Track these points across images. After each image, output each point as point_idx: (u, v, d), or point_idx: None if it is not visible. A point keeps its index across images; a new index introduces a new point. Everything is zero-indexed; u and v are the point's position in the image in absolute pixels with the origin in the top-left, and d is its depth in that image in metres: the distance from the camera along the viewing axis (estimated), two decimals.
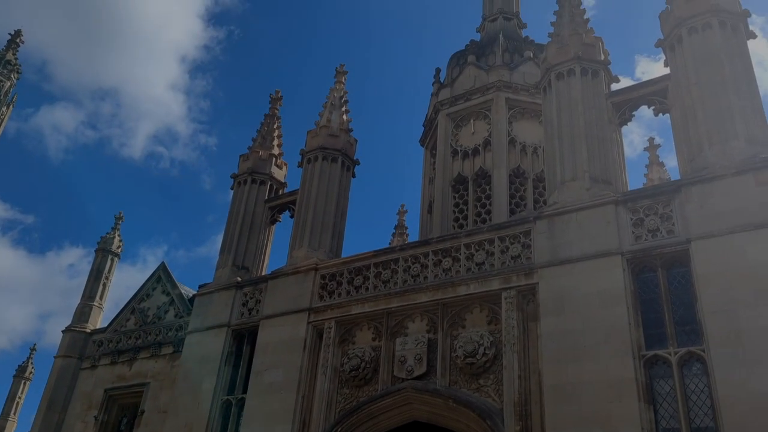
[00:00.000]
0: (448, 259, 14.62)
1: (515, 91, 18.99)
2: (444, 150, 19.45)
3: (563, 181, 13.99)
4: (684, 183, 12.33)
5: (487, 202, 18.04)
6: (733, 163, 11.79)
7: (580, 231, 13.04)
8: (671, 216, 12.25)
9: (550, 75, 15.44)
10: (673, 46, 13.90)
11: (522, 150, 18.55)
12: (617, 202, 12.93)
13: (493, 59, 19.87)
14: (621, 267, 12.18)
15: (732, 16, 13.42)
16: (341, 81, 20.45)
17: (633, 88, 15.02)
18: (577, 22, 16.05)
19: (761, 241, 10.97)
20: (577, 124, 14.39)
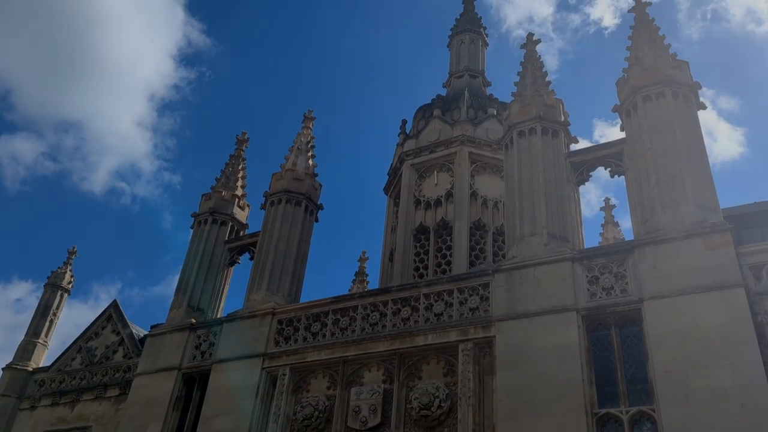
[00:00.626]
0: (407, 308, 14.62)
1: (478, 146, 19.47)
2: (407, 199, 19.67)
3: (522, 236, 14.26)
4: (637, 244, 12.71)
5: (448, 253, 18.22)
6: (684, 226, 12.24)
7: (537, 286, 13.23)
8: (625, 275, 12.56)
9: (513, 132, 15.91)
10: (629, 112, 14.56)
11: (483, 203, 18.90)
12: (574, 260, 13.21)
13: (458, 114, 20.42)
14: (576, 324, 12.36)
15: (684, 87, 14.17)
16: (309, 126, 20.66)
17: (591, 149, 15.59)
18: (539, 83, 16.69)
19: (710, 304, 11.29)
20: (537, 181, 14.78)
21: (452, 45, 24.18)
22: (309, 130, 20.60)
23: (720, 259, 11.63)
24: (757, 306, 11.16)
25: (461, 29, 24.20)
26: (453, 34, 24.38)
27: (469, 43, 23.76)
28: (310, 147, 20.15)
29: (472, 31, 24.08)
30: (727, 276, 11.39)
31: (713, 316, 11.11)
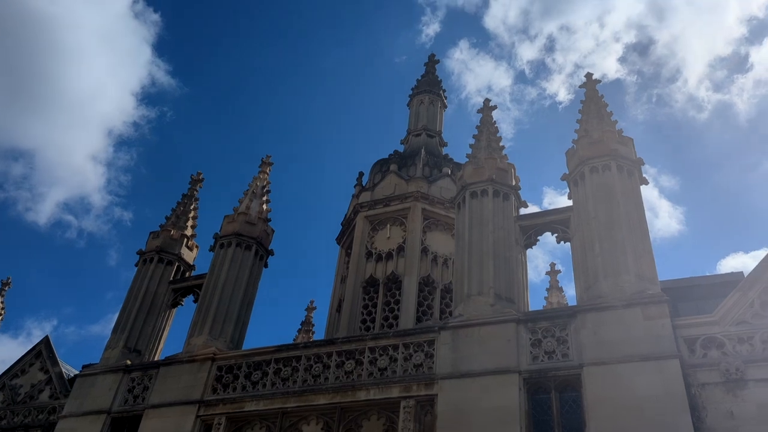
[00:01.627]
0: (352, 361, 14.47)
1: (432, 203, 19.81)
2: (359, 251, 19.70)
3: (470, 294, 14.42)
4: (580, 309, 13.03)
5: (396, 307, 18.22)
6: (624, 296, 12.64)
7: (481, 346, 13.31)
8: (567, 340, 12.79)
9: (465, 192, 16.29)
10: (577, 181, 15.16)
11: (433, 260, 19.08)
12: (518, 321, 13.40)
13: (414, 171, 20.82)
14: (518, 386, 12.43)
15: (628, 162, 14.90)
16: (266, 171, 20.67)
17: (539, 214, 16.10)
18: (493, 147, 17.25)
19: (646, 373, 11.55)
20: (486, 242, 15.08)
21: (412, 104, 24.86)
22: (266, 175, 20.60)
23: (657, 329, 12.00)
24: (690, 378, 11.50)
25: (421, 90, 24.96)
26: (413, 94, 25.11)
27: (428, 104, 24.48)
28: (265, 192, 20.11)
29: (432, 92, 24.88)
30: (663, 347, 11.74)
31: (649, 386, 11.37)
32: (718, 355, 11.69)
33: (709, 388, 11.34)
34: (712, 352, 11.77)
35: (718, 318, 12.08)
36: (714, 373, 11.45)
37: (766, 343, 11.55)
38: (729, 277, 13.99)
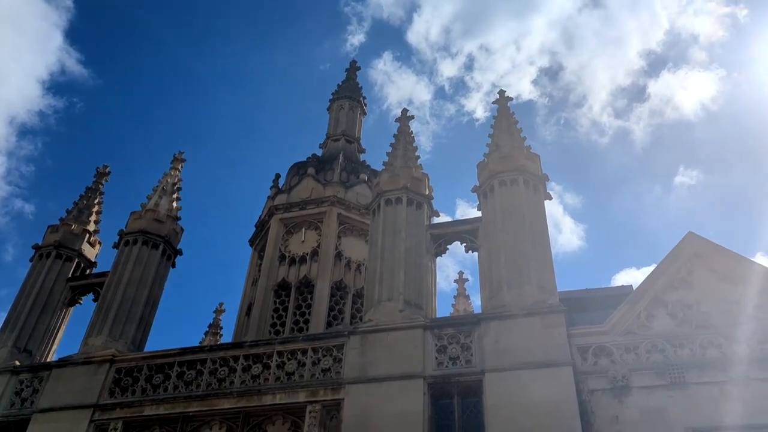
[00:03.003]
0: (259, 365, 14.27)
1: (348, 208, 19.92)
2: (272, 253, 19.50)
3: (380, 300, 14.59)
4: (483, 317, 13.48)
5: (307, 311, 18.15)
6: (525, 305, 13.20)
7: (389, 351, 13.49)
8: (471, 346, 13.18)
9: (381, 199, 16.50)
10: (486, 193, 15.71)
11: (347, 265, 19.18)
12: (426, 327, 13.67)
13: (332, 175, 20.87)
14: (422, 391, 12.64)
15: (534, 177, 15.61)
16: (177, 168, 20.08)
17: (450, 224, 16.57)
18: (409, 156, 17.59)
19: (542, 380, 12.08)
20: (399, 249, 15.32)
21: (332, 109, 24.93)
22: (177, 172, 20.00)
23: (554, 338, 12.61)
24: (581, 384, 12.14)
25: (342, 95, 25.09)
26: (334, 99, 25.19)
27: (348, 110, 24.64)
28: (176, 189, 19.51)
29: (353, 98, 25.06)
30: (558, 355, 12.34)
31: (544, 391, 11.90)
32: (607, 363, 12.43)
33: (598, 394, 12.04)
34: (602, 360, 12.51)
35: (608, 328, 12.86)
36: (603, 380, 12.17)
37: (650, 353, 12.41)
38: (620, 290, 14.95)
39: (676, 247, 13.77)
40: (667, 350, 12.34)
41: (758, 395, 11.28)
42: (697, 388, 11.70)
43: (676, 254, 13.68)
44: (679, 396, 11.67)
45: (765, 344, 11.90)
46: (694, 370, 11.91)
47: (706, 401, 11.51)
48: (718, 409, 11.34)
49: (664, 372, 12.01)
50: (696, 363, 11.99)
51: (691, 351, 12.22)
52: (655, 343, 12.47)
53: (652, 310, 13.05)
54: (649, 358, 12.33)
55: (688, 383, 11.79)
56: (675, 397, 11.67)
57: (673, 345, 12.36)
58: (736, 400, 11.34)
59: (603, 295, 14.98)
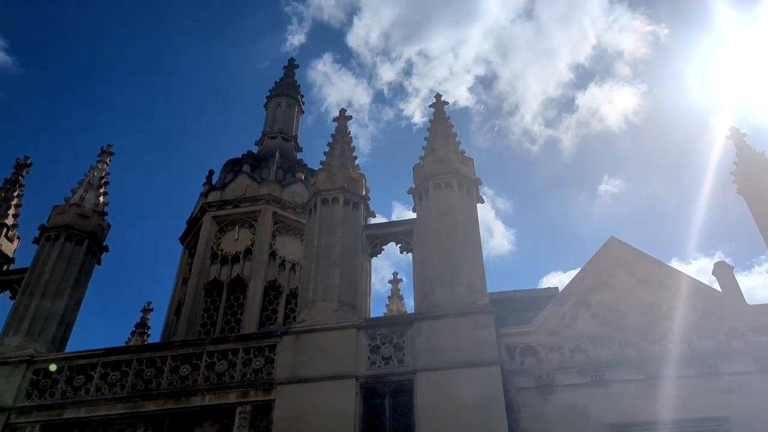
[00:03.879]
0: (188, 366, 13.94)
1: (283, 207, 19.73)
2: (204, 252, 19.10)
3: (314, 300, 14.53)
4: (416, 317, 13.67)
5: (239, 311, 17.87)
6: (457, 306, 13.46)
7: (323, 351, 13.44)
8: (403, 346, 13.31)
9: (317, 199, 16.43)
10: (421, 195, 15.92)
11: (281, 264, 19.01)
12: (359, 327, 13.71)
13: (267, 173, 20.62)
14: (354, 391, 12.66)
15: (468, 181, 15.94)
16: (105, 161, 19.37)
17: (385, 225, 16.70)
18: (346, 156, 17.60)
19: (471, 379, 12.33)
20: (334, 249, 15.31)
21: (269, 106, 24.63)
22: (105, 166, 19.29)
23: (483, 338, 12.89)
24: (509, 383, 12.51)
25: (279, 93, 24.83)
26: (271, 96, 24.89)
27: (285, 107, 24.41)
28: (103, 183, 18.80)
29: (290, 96, 24.85)
30: (487, 354, 12.61)
31: (473, 390, 12.16)
32: (533, 362, 12.85)
33: (524, 392, 12.43)
34: (529, 360, 12.92)
35: (535, 329, 13.30)
36: (529, 379, 12.58)
37: (573, 352, 12.91)
38: (547, 292, 15.45)
39: (599, 251, 14.40)
40: (589, 350, 12.87)
41: (672, 392, 11.92)
42: (616, 386, 12.26)
43: (599, 258, 14.30)
44: (599, 394, 12.20)
45: (680, 344, 12.59)
46: (614, 368, 12.47)
47: (624, 398, 12.07)
48: (635, 405, 11.91)
49: (586, 371, 12.52)
50: (615, 362, 12.56)
51: (611, 350, 12.79)
52: (578, 343, 12.98)
53: (576, 311, 13.58)
54: (573, 357, 12.83)
55: (608, 381, 12.33)
56: (596, 395, 12.19)
57: (595, 345, 12.91)
58: (651, 397, 11.96)
59: (530, 297, 15.45)
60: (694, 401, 11.66)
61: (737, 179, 15.55)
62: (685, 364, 12.20)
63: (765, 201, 14.52)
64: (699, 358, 12.25)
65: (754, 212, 14.69)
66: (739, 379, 11.80)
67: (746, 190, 15.11)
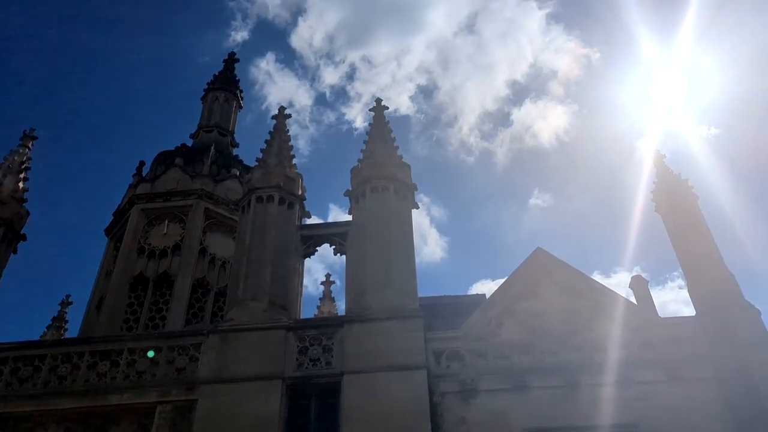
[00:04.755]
0: (107, 362, 13.44)
1: (216, 203, 19.36)
2: (130, 245, 18.49)
3: (244, 299, 14.31)
4: (347, 320, 13.68)
5: (165, 307, 17.40)
6: (387, 309, 13.56)
7: (250, 351, 13.25)
8: (332, 348, 13.29)
9: (252, 196, 16.18)
10: (358, 198, 15.98)
11: (211, 261, 18.64)
12: (289, 328, 13.59)
13: (201, 168, 20.18)
14: (280, 392, 12.53)
15: (404, 186, 16.12)
16: (27, 146, 18.45)
17: (320, 225, 16.66)
18: (284, 155, 17.43)
19: (398, 382, 12.44)
20: (267, 248, 15.12)
21: (206, 99, 24.10)
22: (27, 150, 18.37)
23: (412, 342, 13.04)
24: (434, 387, 12.69)
25: (218, 86, 24.34)
26: (209, 89, 24.36)
27: (223, 101, 23.94)
28: (23, 168, 17.89)
29: (229, 90, 24.39)
30: (415, 358, 12.77)
31: (399, 394, 12.26)
32: (458, 367, 13.10)
33: (448, 396, 12.64)
34: (454, 364, 13.16)
35: (462, 334, 13.56)
36: (453, 383, 12.79)
37: (497, 358, 13.25)
38: (475, 299, 15.84)
39: (526, 261, 14.86)
40: (512, 356, 13.24)
41: (587, 399, 12.42)
42: (536, 392, 12.65)
43: (525, 267, 14.75)
44: (519, 399, 12.56)
45: (596, 353, 13.13)
46: (535, 375, 12.86)
47: (543, 404, 12.47)
48: (552, 411, 12.33)
49: (509, 376, 12.86)
50: (536, 368, 12.96)
51: (533, 357, 13.20)
52: (502, 350, 13.33)
53: (502, 318, 13.95)
54: (497, 363, 13.17)
55: (529, 387, 12.70)
56: (516, 401, 12.54)
57: (518, 351, 13.29)
58: (569, 402, 12.42)
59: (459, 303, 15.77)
60: (608, 408, 12.18)
61: (656, 199, 16.38)
62: (601, 373, 12.72)
63: (679, 220, 15.36)
64: (614, 366, 12.79)
65: (669, 230, 15.52)
66: (650, 388, 12.41)
67: (663, 210, 15.93)
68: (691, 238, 14.90)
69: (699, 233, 14.96)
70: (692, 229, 15.04)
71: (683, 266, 14.84)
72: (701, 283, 14.09)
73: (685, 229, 15.14)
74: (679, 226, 15.25)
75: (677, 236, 15.18)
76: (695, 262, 14.52)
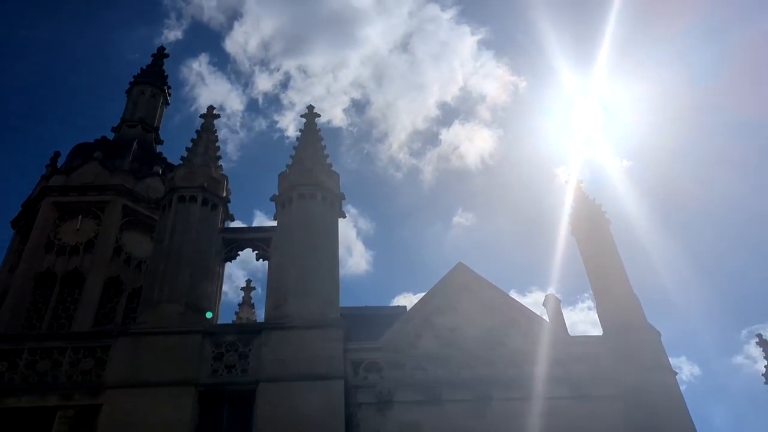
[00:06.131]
0: (5, 362, 12.68)
1: (135, 200, 18.60)
2: (38, 239, 17.47)
3: (159, 301, 13.85)
4: (266, 327, 13.48)
5: (73, 307, 16.51)
6: (308, 317, 13.46)
7: (162, 356, 12.82)
8: (248, 355, 13.04)
9: (174, 195, 15.71)
10: (284, 204, 15.81)
11: (126, 261, 17.87)
12: (205, 333, 13.27)
13: (122, 163, 19.36)
14: (193, 399, 12.22)
15: (332, 194, 16.07)
16: None
17: (244, 229, 16.40)
18: (210, 155, 17.04)
19: (315, 391, 12.38)
20: (187, 249, 14.70)
21: (132, 93, 23.17)
22: None
23: (331, 351, 13.00)
24: (351, 397, 12.69)
25: (145, 80, 23.45)
26: (135, 82, 23.43)
27: (149, 96, 23.08)
28: None
29: (156, 86, 23.54)
30: (333, 368, 12.74)
31: (314, 403, 12.19)
32: (376, 378, 13.16)
33: (365, 407, 12.68)
34: (372, 375, 13.21)
35: (381, 345, 13.65)
36: (370, 394, 12.84)
37: (414, 370, 13.40)
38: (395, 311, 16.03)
39: (447, 275, 15.16)
40: (429, 369, 13.43)
41: (499, 413, 12.76)
42: (449, 406, 12.88)
43: (446, 282, 15.04)
44: (433, 412, 12.74)
45: (510, 368, 13.53)
46: (450, 388, 13.09)
47: (455, 418, 12.70)
48: (464, 425, 12.59)
49: (424, 389, 13.03)
50: (451, 382, 13.19)
51: (449, 371, 13.43)
52: (420, 362, 13.51)
53: (421, 331, 14.15)
54: (414, 375, 13.32)
55: (443, 401, 12.92)
56: (429, 413, 12.72)
57: (435, 364, 13.51)
58: (480, 417, 12.72)
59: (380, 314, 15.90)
60: (517, 423, 12.57)
61: (572, 222, 17.12)
62: (512, 388, 13.12)
63: (592, 243, 16.13)
64: (525, 382, 13.23)
65: (582, 253, 16.26)
66: (557, 404, 12.88)
67: (578, 233, 16.68)
68: (602, 260, 15.67)
69: (610, 256, 15.76)
70: (604, 253, 15.83)
71: (593, 287, 15.57)
72: (608, 305, 14.82)
73: (597, 252, 15.91)
74: (592, 249, 16.01)
75: (589, 259, 15.93)
76: (604, 284, 15.27)
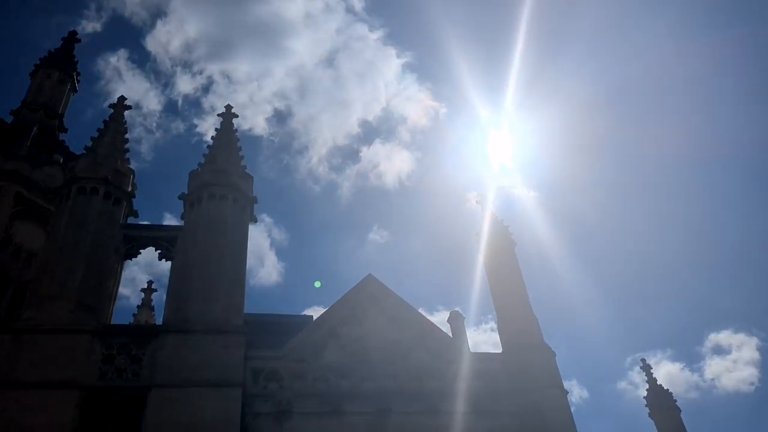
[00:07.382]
0: None
1: (31, 189, 17.44)
2: None
3: (48, 296, 12.95)
4: (163, 330, 12.89)
5: None
6: (209, 322, 12.96)
7: (46, 355, 11.99)
8: (142, 359, 12.40)
9: (73, 186, 14.80)
10: (193, 203, 15.20)
11: (15, 252, 16.70)
12: (96, 333, 12.54)
13: (18, 148, 18.13)
14: (75, 403, 11.47)
15: (244, 197, 15.63)
16: None
17: (148, 227, 15.59)
18: (117, 147, 16.19)
19: (212, 399, 11.92)
20: (83, 244, 13.86)
21: (36, 75, 21.77)
22: None
23: (231, 358, 12.56)
24: (248, 407, 12.28)
25: (52, 64, 22.11)
26: (41, 65, 22.06)
27: (56, 81, 21.79)
28: None
29: (64, 70, 22.25)
30: (232, 375, 12.31)
31: (209, 411, 11.72)
32: (276, 388, 12.82)
33: (261, 417, 12.32)
34: (272, 385, 12.87)
35: (283, 354, 13.33)
36: (269, 404, 12.50)
37: (316, 381, 13.17)
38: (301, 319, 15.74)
39: (357, 286, 15.08)
40: (331, 380, 13.25)
41: (398, 426, 12.75)
42: (349, 417, 12.73)
43: (355, 292, 14.95)
44: (333, 424, 12.56)
45: (412, 382, 13.57)
46: (351, 400, 12.96)
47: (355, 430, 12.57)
48: None
49: (326, 400, 12.84)
50: (353, 394, 13.07)
51: (352, 382, 13.30)
52: (323, 373, 13.30)
53: (326, 341, 13.95)
54: (315, 386, 13.09)
55: (344, 412, 12.76)
56: (329, 425, 12.53)
57: (337, 376, 13.34)
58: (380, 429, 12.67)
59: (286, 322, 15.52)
60: None
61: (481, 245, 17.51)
62: (413, 401, 13.17)
63: (497, 264, 16.59)
64: (426, 396, 13.31)
65: (488, 274, 16.67)
66: (456, 418, 13.05)
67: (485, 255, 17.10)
68: (505, 280, 16.16)
69: (512, 277, 16.27)
70: (507, 273, 16.33)
71: (496, 306, 15.99)
72: (508, 323, 15.26)
73: (501, 272, 16.38)
74: (497, 270, 16.49)
75: (494, 279, 16.38)
76: (506, 303, 15.73)
